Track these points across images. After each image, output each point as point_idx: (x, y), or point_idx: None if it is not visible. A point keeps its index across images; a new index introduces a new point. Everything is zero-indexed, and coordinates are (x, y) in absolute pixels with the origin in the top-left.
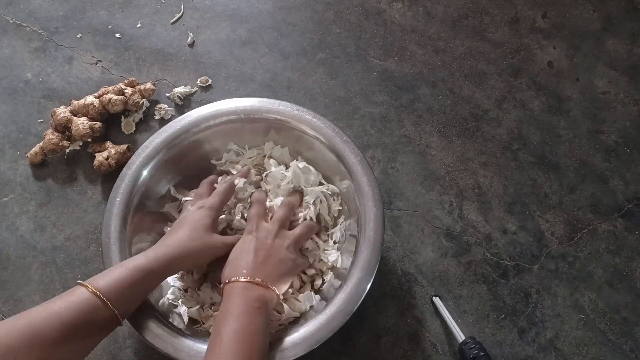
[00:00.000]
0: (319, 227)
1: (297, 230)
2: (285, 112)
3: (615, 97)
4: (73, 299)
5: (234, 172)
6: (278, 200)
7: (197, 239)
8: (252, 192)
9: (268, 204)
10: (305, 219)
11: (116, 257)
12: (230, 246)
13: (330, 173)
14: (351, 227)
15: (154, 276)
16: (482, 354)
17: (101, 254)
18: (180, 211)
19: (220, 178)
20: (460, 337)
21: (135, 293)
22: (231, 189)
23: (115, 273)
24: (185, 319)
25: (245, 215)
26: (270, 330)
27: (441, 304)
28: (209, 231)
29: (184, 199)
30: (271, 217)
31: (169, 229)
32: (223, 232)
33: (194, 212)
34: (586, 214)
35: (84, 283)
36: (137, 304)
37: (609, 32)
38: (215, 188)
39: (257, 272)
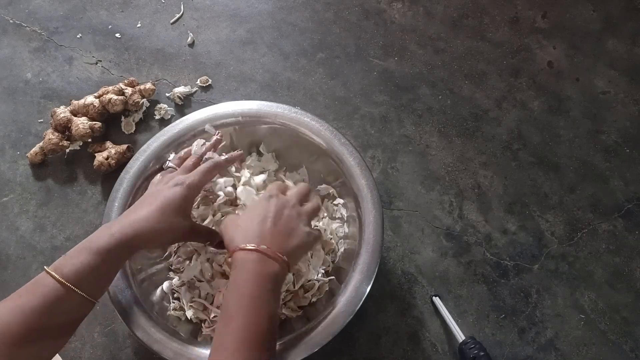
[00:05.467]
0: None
1: (309, 206)
2: (283, 115)
3: (615, 97)
4: (41, 290)
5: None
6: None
7: (164, 222)
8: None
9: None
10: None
11: None
12: (197, 233)
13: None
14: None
15: (120, 257)
16: (482, 354)
17: None
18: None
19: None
20: (460, 337)
21: (104, 274)
22: (215, 170)
23: (82, 258)
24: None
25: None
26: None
27: (441, 304)
28: (179, 214)
29: (166, 164)
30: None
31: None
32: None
33: (168, 189)
34: (586, 214)
35: (51, 272)
36: (109, 284)
37: (609, 32)
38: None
39: (271, 241)
